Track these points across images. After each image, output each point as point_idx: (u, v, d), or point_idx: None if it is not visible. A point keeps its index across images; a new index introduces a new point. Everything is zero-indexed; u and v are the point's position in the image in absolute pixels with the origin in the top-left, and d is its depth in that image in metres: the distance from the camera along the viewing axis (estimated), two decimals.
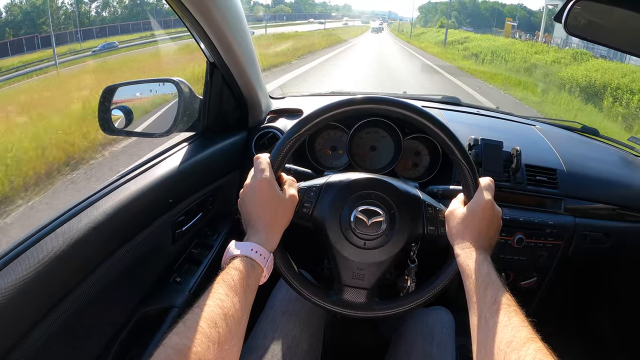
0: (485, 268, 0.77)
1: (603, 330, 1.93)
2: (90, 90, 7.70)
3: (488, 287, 0.73)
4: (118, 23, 27.02)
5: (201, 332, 0.60)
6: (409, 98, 1.93)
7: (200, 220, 1.27)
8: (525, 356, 0.58)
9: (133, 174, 1.03)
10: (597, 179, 1.51)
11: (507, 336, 0.62)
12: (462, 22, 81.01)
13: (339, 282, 0.95)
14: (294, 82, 10.90)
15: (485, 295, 0.72)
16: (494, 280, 0.74)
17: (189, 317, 0.63)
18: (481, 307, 0.72)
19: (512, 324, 0.64)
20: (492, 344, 0.64)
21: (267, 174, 0.86)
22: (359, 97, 0.91)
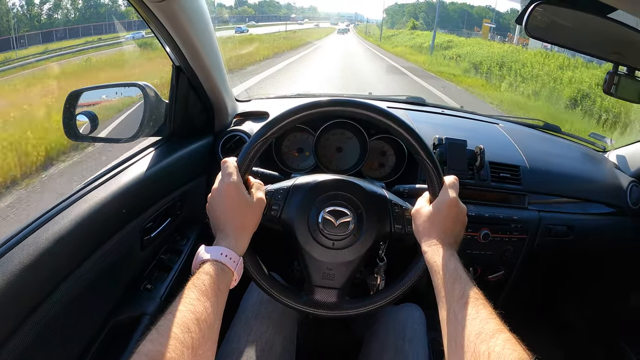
0: (452, 264, 0.82)
1: (570, 320, 2.06)
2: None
3: (456, 282, 0.77)
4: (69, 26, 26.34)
5: (174, 337, 0.62)
6: (374, 99, 2.02)
7: (169, 226, 1.29)
8: (494, 347, 0.62)
9: (99, 182, 1.04)
10: (559, 174, 1.62)
11: (475, 328, 0.66)
12: (430, 23, 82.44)
13: (309, 283, 0.99)
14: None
15: (453, 290, 0.76)
16: (461, 275, 0.78)
17: (161, 324, 0.65)
18: (450, 301, 0.76)
19: (480, 317, 0.68)
20: (461, 337, 0.67)
21: (234, 178, 0.89)
22: (324, 99, 0.95)
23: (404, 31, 59.51)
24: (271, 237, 1.07)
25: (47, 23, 26.66)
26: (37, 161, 4.51)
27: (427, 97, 2.12)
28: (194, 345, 0.64)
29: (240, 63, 14.64)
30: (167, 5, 0.99)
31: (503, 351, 0.60)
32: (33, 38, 20.44)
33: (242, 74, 12.46)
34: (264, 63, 16.31)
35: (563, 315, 2.11)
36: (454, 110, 2.05)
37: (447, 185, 0.93)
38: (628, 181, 1.69)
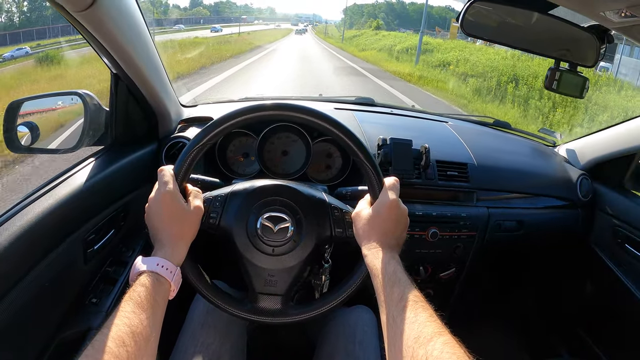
0: (391, 267, 0.83)
1: (526, 313, 2.15)
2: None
3: (395, 285, 0.78)
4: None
5: (109, 352, 0.63)
6: (323, 101, 2.05)
7: (114, 237, 1.28)
8: (432, 350, 0.63)
9: (37, 195, 1.03)
10: (508, 170, 1.69)
11: (414, 332, 0.67)
12: (391, 24, 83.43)
13: (252, 290, 1.00)
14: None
15: (392, 293, 0.77)
16: (401, 278, 0.79)
17: (97, 338, 0.65)
18: (389, 305, 0.77)
19: (418, 320, 0.69)
20: (400, 341, 0.68)
21: (170, 187, 0.90)
22: (262, 103, 0.97)
23: (367, 31, 57.07)
24: (217, 244, 1.09)
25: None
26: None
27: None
28: (129, 359, 0.65)
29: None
30: (90, 14, 0.98)
31: (441, 355, 0.62)
32: None
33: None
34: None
35: (519, 309, 2.19)
36: (403, 110, 2.10)
37: (387, 187, 0.95)
38: (578, 174, 1.77)
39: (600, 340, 1.82)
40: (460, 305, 1.76)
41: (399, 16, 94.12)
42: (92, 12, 0.97)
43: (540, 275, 2.08)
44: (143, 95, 1.36)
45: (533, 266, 2.02)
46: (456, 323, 0.69)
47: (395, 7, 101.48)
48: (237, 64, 17.58)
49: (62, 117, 1.38)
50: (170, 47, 20.77)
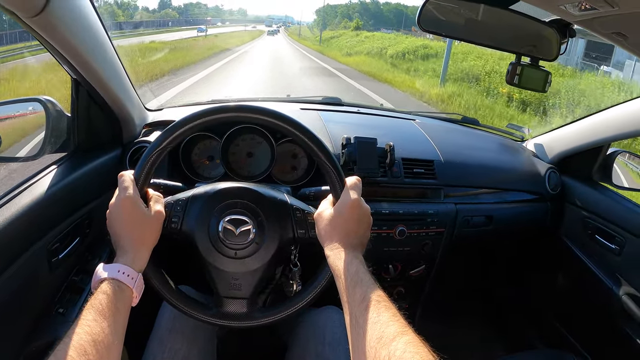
0: (353, 267, 0.84)
1: (499, 306, 2.22)
2: None
3: (357, 285, 0.80)
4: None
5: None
6: (291, 101, 2.08)
7: (79, 245, 1.28)
8: (395, 350, 0.63)
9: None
10: (476, 165, 1.74)
11: (376, 333, 0.68)
12: (366, 24, 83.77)
13: (217, 295, 1.02)
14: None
15: (354, 294, 0.78)
16: (363, 278, 0.81)
17: (59, 348, 0.66)
18: (351, 305, 0.78)
19: (381, 320, 0.70)
20: (363, 342, 0.69)
21: (130, 192, 0.91)
22: (221, 105, 0.98)
23: (347, 32, 52.91)
24: (181, 249, 1.10)
25: None
26: None
27: None
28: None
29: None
30: (43, 19, 0.97)
31: (404, 355, 0.62)
32: None
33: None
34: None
35: (492, 303, 2.25)
36: (371, 109, 2.14)
37: (349, 187, 0.96)
38: (546, 168, 1.84)
39: (574, 330, 1.87)
40: (432, 302, 1.79)
41: (374, 16, 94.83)
42: (44, 18, 0.97)
43: (511, 269, 2.13)
44: (104, 101, 1.36)
45: (504, 260, 2.08)
46: (429, 320, 0.70)
47: (370, 7, 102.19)
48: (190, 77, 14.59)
49: (25, 125, 1.38)
50: (130, 52, 18.86)
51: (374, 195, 1.53)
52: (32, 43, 13.04)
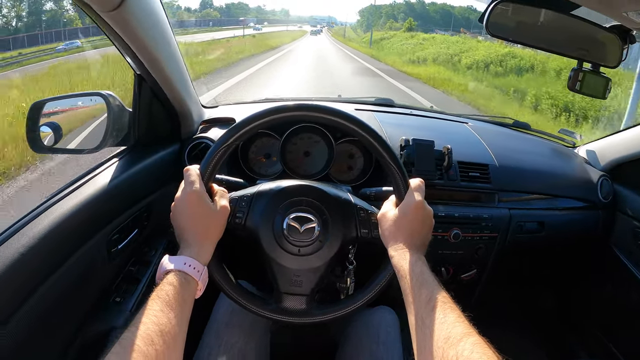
0: (418, 268, 0.86)
1: (546, 314, 2.19)
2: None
3: (422, 286, 0.81)
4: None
5: (138, 350, 0.65)
6: (343, 101, 2.11)
7: (137, 237, 1.34)
8: (462, 351, 0.65)
9: (62, 194, 1.09)
10: (529, 171, 1.73)
11: (443, 333, 0.70)
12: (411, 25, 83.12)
13: (277, 290, 1.04)
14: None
15: (420, 295, 0.80)
16: (428, 279, 0.82)
17: (125, 336, 0.68)
18: (417, 306, 0.79)
19: (448, 321, 0.72)
20: (430, 342, 0.71)
21: (196, 186, 0.94)
22: (287, 104, 1.01)
23: (398, 33, 48.80)
24: (241, 244, 1.13)
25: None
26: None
27: None
28: (157, 358, 0.67)
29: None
30: (118, 14, 1.02)
31: (472, 355, 0.64)
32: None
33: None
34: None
35: (538, 309, 2.22)
36: (422, 111, 2.16)
37: (413, 188, 0.98)
38: (598, 175, 1.81)
39: (618, 341, 1.85)
40: (480, 306, 1.77)
41: (420, 16, 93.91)
42: (119, 13, 1.02)
43: (559, 277, 2.11)
44: (166, 96, 1.42)
45: (553, 267, 2.05)
46: (476, 324, 0.72)
47: (415, 7, 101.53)
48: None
49: (85, 118, 1.43)
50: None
51: (430, 197, 1.52)
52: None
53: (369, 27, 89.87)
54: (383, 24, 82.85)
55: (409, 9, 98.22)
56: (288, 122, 1.39)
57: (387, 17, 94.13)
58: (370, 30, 69.96)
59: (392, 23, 77.39)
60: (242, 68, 15.72)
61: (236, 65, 16.65)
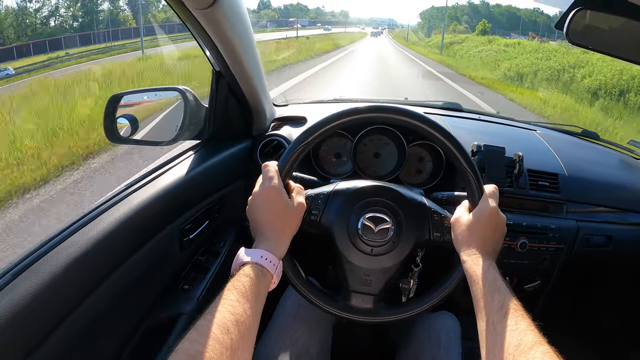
0: (491, 274, 0.87)
1: (607, 330, 2.12)
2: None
3: (495, 292, 0.83)
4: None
5: (213, 337, 0.68)
6: (411, 104, 2.14)
7: (207, 228, 1.41)
8: (533, 359, 0.66)
9: (140, 184, 1.15)
10: (597, 182, 1.69)
11: (514, 340, 0.71)
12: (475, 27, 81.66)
13: (346, 288, 1.07)
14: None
15: (492, 301, 0.82)
16: (500, 286, 0.84)
17: (200, 323, 0.70)
18: (489, 312, 0.81)
19: (519, 328, 0.73)
20: (500, 349, 0.72)
21: (275, 182, 0.97)
22: (364, 105, 1.04)
23: (471, 37, 41.69)
24: (308, 241, 1.15)
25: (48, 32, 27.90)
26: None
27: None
28: (232, 347, 0.69)
29: None
30: (211, 12, 1.08)
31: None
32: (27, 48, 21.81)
33: None
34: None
35: (602, 326, 2.16)
36: (490, 116, 2.16)
37: (487, 194, 1.00)
38: None
39: None
40: (543, 318, 1.70)
41: (485, 19, 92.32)
42: (212, 11, 1.08)
43: (626, 294, 2.04)
44: (243, 93, 1.48)
45: (619, 283, 1.99)
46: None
47: (480, 9, 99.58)
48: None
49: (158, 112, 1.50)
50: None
51: (499, 205, 1.54)
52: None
53: (431, 30, 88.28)
54: (446, 27, 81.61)
55: (473, 10, 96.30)
56: (362, 123, 1.43)
57: (451, 19, 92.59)
58: (431, 33, 68.22)
59: (456, 25, 76.02)
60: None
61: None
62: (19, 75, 15.69)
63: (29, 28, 28.61)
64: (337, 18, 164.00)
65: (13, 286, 0.79)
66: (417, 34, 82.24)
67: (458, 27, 72.27)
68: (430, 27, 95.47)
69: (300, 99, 2.11)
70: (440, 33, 65.68)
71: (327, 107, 1.98)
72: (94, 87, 10.61)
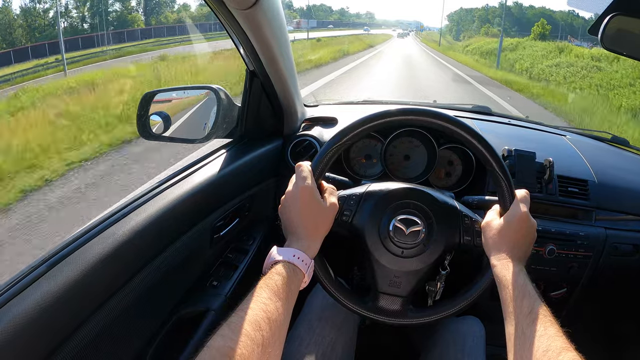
0: (521, 279, 0.90)
1: (633, 340, 2.11)
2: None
3: (524, 297, 0.85)
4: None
5: (245, 334, 0.70)
6: (441, 107, 2.16)
7: (237, 226, 1.46)
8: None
9: (175, 180, 1.21)
10: (627, 190, 1.70)
11: (543, 345, 0.73)
12: (508, 30, 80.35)
13: (374, 290, 1.11)
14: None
15: (521, 306, 0.84)
16: (530, 291, 0.86)
17: (233, 320, 0.73)
18: (518, 317, 0.83)
19: (547, 334, 0.75)
20: (529, 353, 0.75)
21: (309, 182, 1.00)
22: (396, 108, 1.07)
23: (524, 42, 33.62)
24: (335, 242, 1.18)
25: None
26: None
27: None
28: (264, 344, 0.72)
29: None
30: (251, 12, 1.12)
31: None
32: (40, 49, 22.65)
33: None
34: None
35: (627, 336, 2.15)
36: (520, 121, 2.18)
37: (519, 199, 1.02)
38: None
39: None
40: (568, 326, 1.70)
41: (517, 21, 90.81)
42: (252, 11, 1.12)
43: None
44: (276, 93, 1.53)
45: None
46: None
47: (513, 11, 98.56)
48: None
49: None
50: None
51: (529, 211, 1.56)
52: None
53: (459, 33, 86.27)
54: (477, 29, 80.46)
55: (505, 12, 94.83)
56: (394, 126, 1.48)
57: (482, 21, 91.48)
58: (460, 35, 64.49)
59: (488, 28, 74.97)
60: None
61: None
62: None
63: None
64: (363, 19, 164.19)
65: (48, 277, 0.83)
66: (445, 37, 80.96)
67: (492, 30, 70.67)
68: (458, 30, 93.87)
69: (331, 100, 2.15)
70: (471, 36, 62.23)
71: (357, 108, 2.02)
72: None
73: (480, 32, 68.22)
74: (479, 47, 40.12)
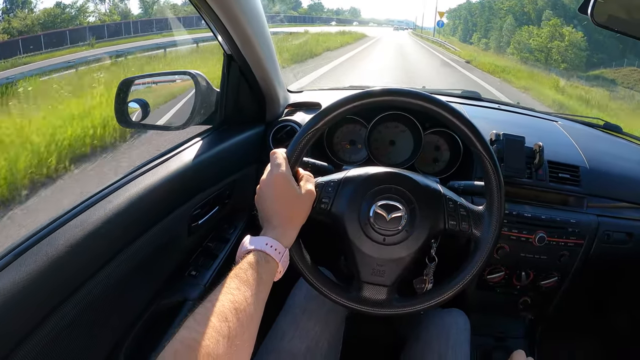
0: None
1: (623, 329, 2.29)
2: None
3: None
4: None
5: (211, 326, 0.76)
6: (429, 92, 2.36)
7: (217, 214, 1.61)
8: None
9: (149, 167, 1.31)
10: (620, 176, 1.88)
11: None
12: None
13: (358, 279, 1.19)
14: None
15: None
16: None
17: (199, 311, 0.80)
18: None
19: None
20: None
21: (283, 169, 1.09)
22: (377, 88, 1.16)
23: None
24: (320, 230, 1.32)
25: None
26: None
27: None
28: (230, 335, 0.78)
29: None
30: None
31: None
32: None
33: None
34: None
35: (616, 323, 2.32)
36: (510, 106, 2.39)
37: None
38: None
39: None
40: (558, 315, 1.94)
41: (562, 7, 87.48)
42: None
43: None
44: (255, 77, 1.68)
45: (635, 283, 2.14)
46: (551, 336, 0.82)
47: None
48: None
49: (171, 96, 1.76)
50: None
51: (516, 196, 1.74)
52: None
53: (467, 33, 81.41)
54: (511, 28, 71.58)
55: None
56: (377, 108, 1.63)
57: (508, 12, 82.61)
58: (469, 36, 58.81)
59: (511, 20, 68.17)
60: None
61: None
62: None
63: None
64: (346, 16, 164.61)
65: (14, 266, 0.90)
66: (449, 38, 78.06)
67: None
68: (466, 29, 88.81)
69: (316, 87, 2.32)
70: (484, 35, 56.07)
71: (342, 94, 2.04)
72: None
73: (505, 27, 61.25)
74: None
